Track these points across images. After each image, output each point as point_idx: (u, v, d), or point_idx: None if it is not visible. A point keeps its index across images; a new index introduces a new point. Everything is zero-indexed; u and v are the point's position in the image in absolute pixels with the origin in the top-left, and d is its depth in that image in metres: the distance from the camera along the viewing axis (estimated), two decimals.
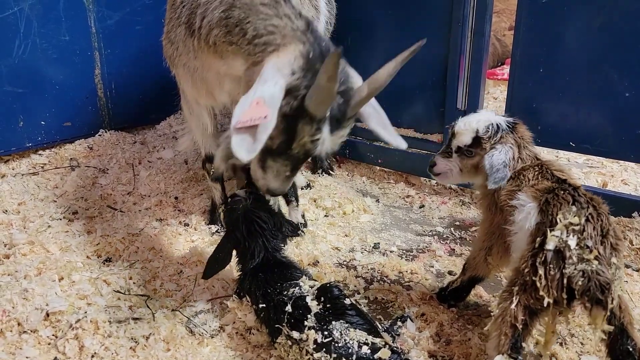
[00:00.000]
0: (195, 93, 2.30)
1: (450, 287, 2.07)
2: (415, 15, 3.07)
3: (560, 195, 1.58)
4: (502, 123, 1.82)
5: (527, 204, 1.63)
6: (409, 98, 3.26)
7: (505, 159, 1.76)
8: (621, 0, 2.39)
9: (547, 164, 1.77)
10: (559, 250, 1.46)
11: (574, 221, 1.49)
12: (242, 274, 2.00)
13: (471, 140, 1.84)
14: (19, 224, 2.59)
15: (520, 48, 2.71)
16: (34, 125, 3.19)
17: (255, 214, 1.98)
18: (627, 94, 2.46)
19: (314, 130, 1.67)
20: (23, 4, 2.97)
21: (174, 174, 3.15)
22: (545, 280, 1.46)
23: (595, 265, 1.43)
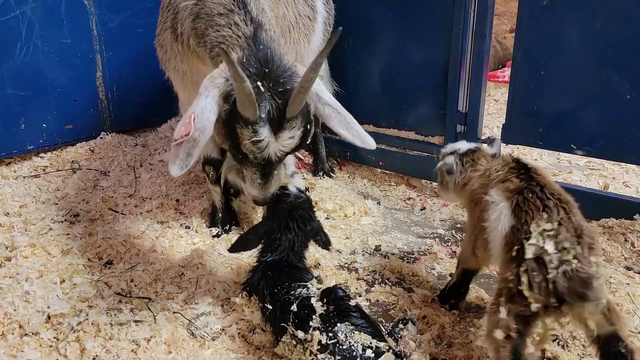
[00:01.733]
0: (187, 96, 2.33)
1: (448, 286, 2.09)
2: (417, 17, 3.07)
3: (530, 198, 1.60)
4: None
5: (499, 202, 1.66)
6: (410, 100, 3.27)
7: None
8: (622, 3, 2.40)
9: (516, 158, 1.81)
10: (539, 257, 1.48)
11: (547, 227, 1.51)
12: (256, 266, 1.99)
13: None
14: (20, 226, 2.59)
15: (521, 51, 2.71)
16: (35, 128, 3.20)
17: (299, 212, 2.01)
18: (628, 96, 2.46)
19: (251, 133, 1.73)
20: (25, 7, 2.98)
21: (177, 177, 3.15)
22: (531, 288, 1.46)
23: (575, 263, 1.44)
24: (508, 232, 1.60)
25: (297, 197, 2.04)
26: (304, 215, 2.02)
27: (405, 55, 3.19)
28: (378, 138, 3.42)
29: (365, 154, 3.49)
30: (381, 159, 3.41)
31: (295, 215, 2.01)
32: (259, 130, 1.74)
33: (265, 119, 1.73)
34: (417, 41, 3.12)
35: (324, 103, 1.91)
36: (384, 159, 3.39)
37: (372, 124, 3.50)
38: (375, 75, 3.37)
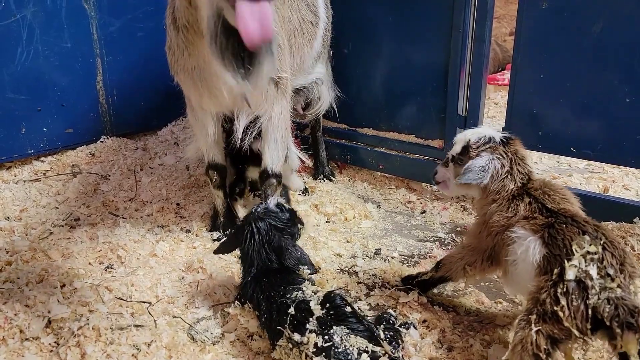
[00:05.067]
0: (198, 96, 2.30)
1: (419, 278, 2.14)
2: (416, 21, 3.08)
3: (563, 228, 1.59)
4: (496, 136, 1.86)
5: (526, 237, 1.65)
6: (410, 104, 3.27)
7: (484, 164, 1.81)
8: (620, 7, 2.40)
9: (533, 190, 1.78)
10: (580, 280, 1.45)
11: (592, 250, 1.49)
12: (243, 282, 2.01)
13: (461, 149, 1.90)
14: (20, 230, 2.59)
15: (520, 54, 2.72)
16: (36, 132, 3.20)
17: (261, 228, 1.98)
18: (627, 100, 2.46)
19: None
20: (25, 11, 2.99)
21: (175, 180, 3.16)
22: (569, 311, 1.44)
23: (619, 292, 1.43)
24: (540, 261, 1.59)
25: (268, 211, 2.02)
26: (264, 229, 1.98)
27: (405, 59, 3.20)
28: (378, 141, 3.45)
29: (366, 157, 3.49)
30: (381, 162, 3.41)
31: (255, 229, 1.98)
32: None
33: None
34: (417, 45, 3.12)
35: None
36: (384, 162, 3.40)
37: (372, 127, 3.51)
38: (375, 79, 3.38)
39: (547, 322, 1.47)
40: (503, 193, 1.82)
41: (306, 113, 3.21)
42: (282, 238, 1.97)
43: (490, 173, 1.81)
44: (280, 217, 2.01)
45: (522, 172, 1.83)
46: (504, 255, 1.76)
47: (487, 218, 1.84)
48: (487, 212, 1.84)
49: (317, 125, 3.46)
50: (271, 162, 2.47)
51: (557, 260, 1.53)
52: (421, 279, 2.14)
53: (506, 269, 1.77)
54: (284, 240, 1.96)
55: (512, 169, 1.82)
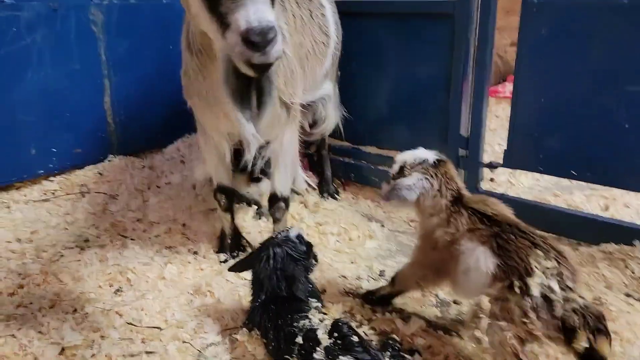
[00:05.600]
0: (213, 119, 2.32)
1: (378, 294, 2.28)
2: (420, 44, 3.14)
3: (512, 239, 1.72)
4: (429, 158, 2.00)
5: (475, 248, 1.78)
6: (413, 123, 3.34)
7: (410, 183, 1.96)
8: (618, 34, 2.45)
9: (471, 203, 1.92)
10: (544, 295, 1.58)
11: (549, 265, 1.62)
12: (252, 307, 2.05)
13: (398, 168, 2.05)
14: (32, 253, 2.64)
15: (521, 78, 2.77)
16: (45, 153, 3.26)
17: (277, 254, 2.03)
18: (626, 125, 2.51)
19: None
20: (36, 35, 3.05)
21: (182, 200, 3.21)
22: (540, 323, 1.57)
23: (581, 301, 1.58)
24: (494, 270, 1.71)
25: (288, 239, 2.07)
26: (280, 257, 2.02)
27: (409, 80, 3.26)
28: (382, 160, 3.50)
29: (369, 175, 3.54)
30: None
31: (271, 255, 2.02)
32: None
33: None
34: (420, 67, 3.18)
35: None
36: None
37: (375, 145, 3.57)
38: (379, 98, 3.44)
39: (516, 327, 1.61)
40: (438, 209, 1.95)
41: (313, 132, 3.26)
42: (296, 268, 2.01)
43: (419, 191, 1.95)
44: (297, 248, 2.06)
45: (451, 189, 1.96)
46: (453, 267, 1.86)
47: (429, 233, 1.97)
48: (428, 227, 1.97)
49: (323, 144, 3.52)
50: (280, 186, 2.52)
51: (514, 271, 1.66)
52: (380, 294, 2.28)
53: (456, 279, 1.88)
54: (297, 271, 2.00)
55: (441, 188, 1.95)
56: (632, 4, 2.38)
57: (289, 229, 2.15)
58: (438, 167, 1.99)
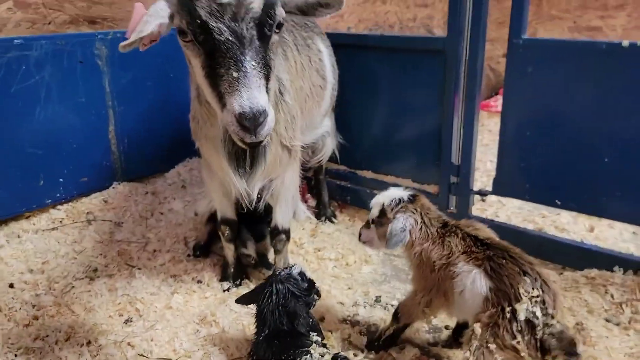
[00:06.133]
0: (219, 160, 2.46)
1: (383, 337, 2.33)
2: (413, 76, 3.28)
3: (504, 263, 1.90)
4: (404, 196, 2.15)
5: (471, 270, 1.93)
6: (407, 150, 3.48)
7: (402, 225, 2.09)
8: (597, 74, 2.60)
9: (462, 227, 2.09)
10: (529, 319, 1.78)
11: (535, 294, 1.82)
12: (256, 341, 2.18)
13: (378, 212, 2.17)
14: (44, 284, 2.77)
15: (509, 112, 2.92)
16: (53, 183, 3.38)
17: (280, 291, 2.14)
18: (606, 159, 2.66)
19: None
20: (44, 72, 3.17)
21: (184, 227, 3.33)
22: (524, 344, 1.77)
23: (559, 326, 1.78)
24: (487, 293, 1.88)
25: (290, 277, 2.19)
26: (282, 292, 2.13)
27: (403, 108, 3.40)
28: (377, 184, 3.64)
29: (365, 199, 3.68)
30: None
31: (273, 291, 2.13)
32: None
33: None
34: (413, 97, 3.33)
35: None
36: None
37: (371, 170, 3.71)
38: (375, 125, 3.58)
39: (504, 350, 1.80)
40: (430, 236, 2.10)
41: (311, 160, 3.41)
42: (297, 305, 2.14)
43: (409, 229, 2.10)
44: (299, 285, 2.18)
45: (433, 218, 2.13)
46: (449, 288, 2.01)
47: (424, 258, 2.10)
48: (422, 252, 2.10)
49: (320, 170, 3.66)
50: (281, 220, 2.66)
51: (505, 296, 1.84)
52: (386, 336, 2.32)
53: (451, 299, 2.03)
54: (298, 307, 2.13)
55: (423, 220, 2.12)
56: (608, 48, 2.54)
57: (292, 266, 2.28)
58: (414, 202, 2.15)
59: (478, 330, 1.89)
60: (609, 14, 6.52)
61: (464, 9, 2.88)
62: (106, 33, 3.47)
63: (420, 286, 2.16)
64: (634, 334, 2.38)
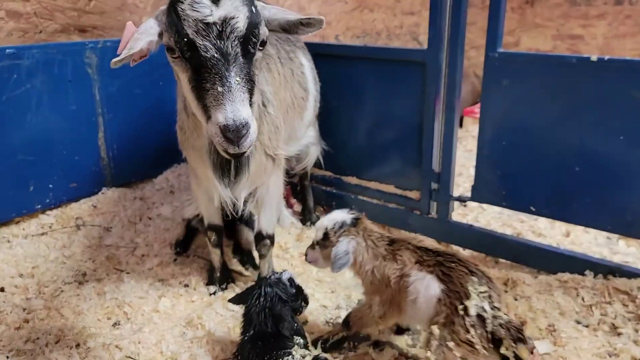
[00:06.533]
0: (204, 169, 2.54)
1: (331, 340, 2.45)
2: (394, 84, 3.39)
3: (453, 267, 2.06)
4: (347, 220, 2.29)
5: (424, 277, 2.08)
6: (389, 157, 3.59)
7: (345, 248, 2.23)
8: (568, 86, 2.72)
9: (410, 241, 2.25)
10: (479, 314, 1.94)
11: (482, 290, 1.99)
12: (242, 341, 2.27)
13: (322, 235, 2.31)
14: (34, 288, 2.83)
15: (486, 123, 3.04)
16: (43, 189, 3.44)
17: (268, 294, 2.25)
18: (577, 168, 2.79)
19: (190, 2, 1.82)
20: (35, 80, 3.24)
21: (172, 232, 3.41)
22: (477, 337, 1.91)
23: (506, 317, 1.94)
24: (440, 295, 2.02)
25: (279, 281, 2.29)
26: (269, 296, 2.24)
27: (385, 116, 3.51)
28: (361, 190, 3.75)
29: (350, 204, 3.78)
30: (364, 209, 3.69)
31: (262, 293, 2.24)
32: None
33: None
34: (395, 106, 3.44)
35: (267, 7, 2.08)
36: (367, 210, 3.67)
37: (356, 176, 3.81)
38: (358, 132, 3.68)
39: (461, 345, 1.94)
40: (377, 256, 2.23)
41: (296, 167, 3.52)
42: (284, 309, 2.23)
43: (352, 252, 2.23)
44: (287, 290, 2.29)
45: (377, 238, 2.27)
46: (403, 298, 2.14)
47: (377, 275, 2.22)
48: (374, 270, 2.23)
49: (305, 176, 3.76)
50: (266, 226, 2.76)
51: (456, 296, 1.99)
52: (334, 340, 2.44)
53: (404, 308, 2.16)
54: (284, 311, 2.22)
55: (367, 242, 2.25)
56: (578, 61, 2.66)
57: (282, 272, 2.38)
58: (357, 225, 2.29)
59: (436, 331, 2.03)
60: (590, 23, 6.70)
61: (444, 24, 3.00)
62: (96, 42, 3.54)
63: (376, 300, 2.27)
64: (602, 335, 2.49)
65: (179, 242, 3.27)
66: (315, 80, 3.27)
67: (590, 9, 6.64)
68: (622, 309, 2.58)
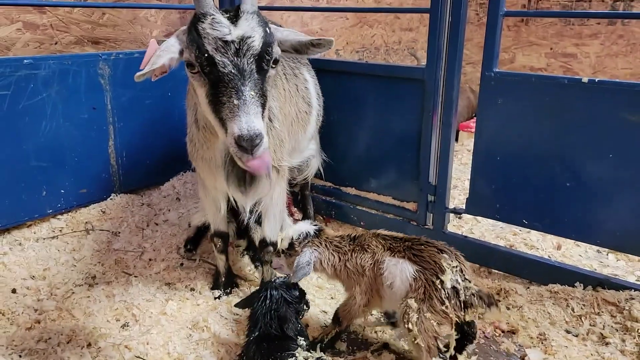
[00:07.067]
0: (213, 180, 2.68)
1: (326, 340, 2.56)
2: (394, 100, 3.53)
3: (423, 248, 2.29)
4: (310, 230, 2.47)
5: (398, 262, 2.29)
6: (388, 169, 3.72)
7: (308, 259, 2.40)
8: (560, 105, 2.87)
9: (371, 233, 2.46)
10: (453, 286, 2.18)
11: (454, 264, 2.23)
12: (247, 342, 2.38)
13: (288, 245, 2.49)
14: (46, 290, 2.94)
15: (480, 138, 3.18)
16: (54, 194, 3.57)
17: (273, 296, 2.37)
18: (567, 184, 2.93)
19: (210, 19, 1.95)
20: (51, 90, 3.38)
21: (179, 237, 3.53)
22: (451, 307, 2.17)
23: (475, 287, 2.21)
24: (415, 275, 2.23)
25: (284, 284, 2.42)
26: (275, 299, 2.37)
27: (384, 130, 3.65)
28: (360, 200, 3.88)
29: (349, 214, 3.92)
30: (362, 219, 3.84)
31: (269, 296, 2.36)
32: (217, 15, 1.97)
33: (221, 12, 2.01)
34: (394, 121, 3.58)
35: (279, 29, 2.22)
36: (365, 220, 3.83)
37: (355, 187, 3.94)
38: (358, 145, 3.82)
39: (436, 315, 2.18)
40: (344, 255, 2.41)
41: (297, 177, 3.65)
42: (288, 310, 2.36)
43: (314, 261, 2.41)
44: (292, 293, 2.42)
45: (339, 241, 2.45)
46: (380, 283, 2.33)
47: (351, 268, 2.40)
48: (346, 265, 2.41)
49: (306, 186, 3.89)
50: (269, 233, 2.88)
51: (432, 272, 2.21)
52: (328, 339, 2.56)
53: (383, 293, 2.34)
54: (289, 312, 2.35)
55: (329, 248, 2.44)
56: (570, 82, 2.81)
57: (285, 276, 2.50)
58: (319, 235, 2.47)
59: (415, 305, 2.21)
60: (584, 42, 6.90)
61: (442, 44, 3.15)
62: (109, 54, 3.68)
63: (357, 291, 2.43)
64: (591, 344, 2.60)
65: (189, 240, 3.41)
66: (319, 95, 3.42)
67: (584, 28, 6.84)
68: (610, 319, 2.69)
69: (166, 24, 4.40)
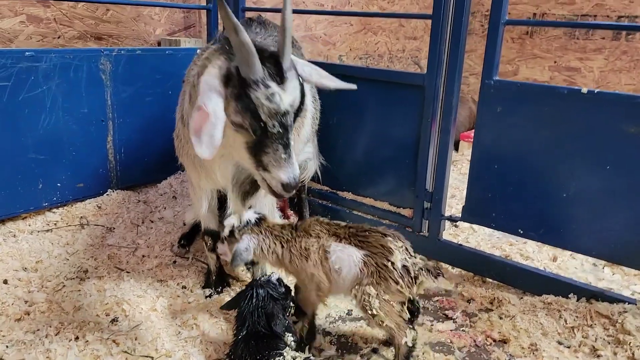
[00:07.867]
0: (197, 177, 2.70)
1: (305, 332, 2.56)
2: (393, 106, 3.54)
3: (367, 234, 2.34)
4: (251, 218, 2.47)
5: (344, 248, 2.34)
6: (385, 174, 3.72)
7: (246, 246, 2.40)
8: (558, 115, 2.87)
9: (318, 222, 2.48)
10: (404, 265, 2.29)
11: (399, 245, 2.33)
12: (235, 341, 2.37)
13: (229, 232, 2.47)
14: (37, 282, 2.94)
15: (478, 148, 3.18)
16: (51, 187, 3.57)
17: (260, 294, 2.36)
18: (564, 195, 2.92)
19: (264, 89, 1.99)
20: (51, 83, 3.39)
21: (173, 235, 3.52)
22: (405, 285, 2.28)
23: (422, 262, 2.36)
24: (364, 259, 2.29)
25: (269, 282, 2.42)
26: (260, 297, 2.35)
27: (383, 136, 3.65)
28: (357, 205, 3.88)
29: (345, 219, 3.90)
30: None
31: (254, 295, 2.36)
32: (269, 83, 2.00)
33: (268, 73, 2.05)
34: (393, 126, 3.58)
35: (303, 65, 2.31)
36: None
37: (351, 192, 3.94)
38: (356, 150, 3.82)
39: (393, 294, 2.28)
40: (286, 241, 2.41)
41: None
42: (275, 307, 2.35)
43: (253, 248, 2.41)
44: (277, 290, 2.41)
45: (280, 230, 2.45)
46: (327, 268, 2.35)
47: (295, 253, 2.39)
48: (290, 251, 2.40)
49: (302, 189, 3.88)
50: None
51: (381, 256, 2.28)
52: (305, 333, 2.58)
53: (331, 278, 2.37)
54: (276, 309, 2.34)
55: (269, 237, 2.43)
56: (569, 93, 2.81)
57: (271, 274, 2.50)
58: (260, 224, 2.46)
59: (373, 291, 2.27)
60: (588, 57, 6.91)
61: (443, 51, 3.15)
62: (111, 50, 3.70)
63: (307, 277, 2.43)
64: (583, 356, 2.58)
65: (184, 236, 3.40)
66: (315, 98, 3.40)
67: (588, 42, 6.85)
68: (602, 332, 2.68)
69: (170, 23, 4.42)
